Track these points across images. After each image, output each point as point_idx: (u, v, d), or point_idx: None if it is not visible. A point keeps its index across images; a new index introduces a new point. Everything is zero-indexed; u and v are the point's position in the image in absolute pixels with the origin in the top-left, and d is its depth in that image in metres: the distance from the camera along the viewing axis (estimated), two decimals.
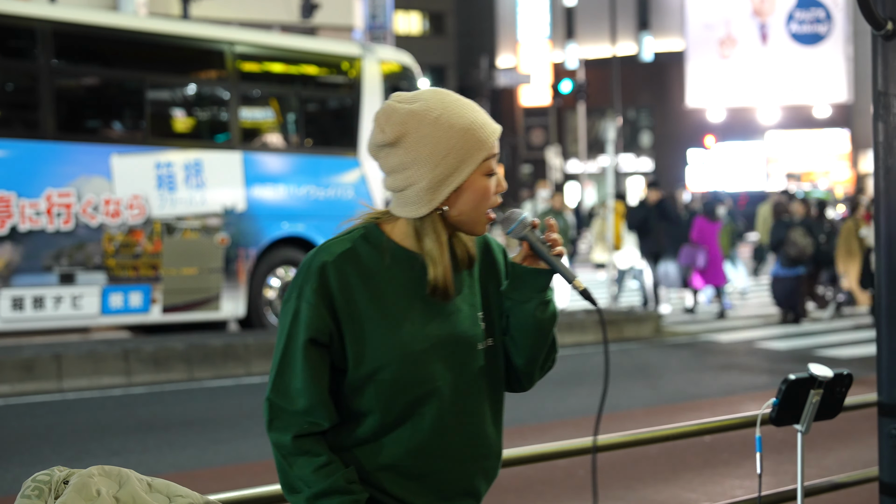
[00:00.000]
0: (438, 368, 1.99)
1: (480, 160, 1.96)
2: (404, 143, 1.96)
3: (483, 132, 1.97)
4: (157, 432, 7.43)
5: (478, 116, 1.98)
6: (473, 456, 2.05)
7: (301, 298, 1.96)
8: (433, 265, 1.97)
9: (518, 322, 2.05)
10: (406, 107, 1.97)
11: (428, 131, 1.95)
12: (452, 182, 1.95)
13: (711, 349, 11.86)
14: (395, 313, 1.97)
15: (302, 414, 1.95)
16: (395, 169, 1.98)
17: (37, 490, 1.85)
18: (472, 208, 1.98)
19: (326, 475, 1.93)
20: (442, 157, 1.94)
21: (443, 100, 1.98)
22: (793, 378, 2.68)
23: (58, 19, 10.03)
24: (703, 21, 44.27)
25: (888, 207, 3.51)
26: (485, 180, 1.98)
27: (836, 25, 42.96)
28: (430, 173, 1.95)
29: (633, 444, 3.21)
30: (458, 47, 49.62)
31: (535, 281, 2.03)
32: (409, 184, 1.97)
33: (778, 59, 43.34)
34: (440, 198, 1.96)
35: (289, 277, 11.40)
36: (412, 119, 1.96)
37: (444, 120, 1.95)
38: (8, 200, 9.48)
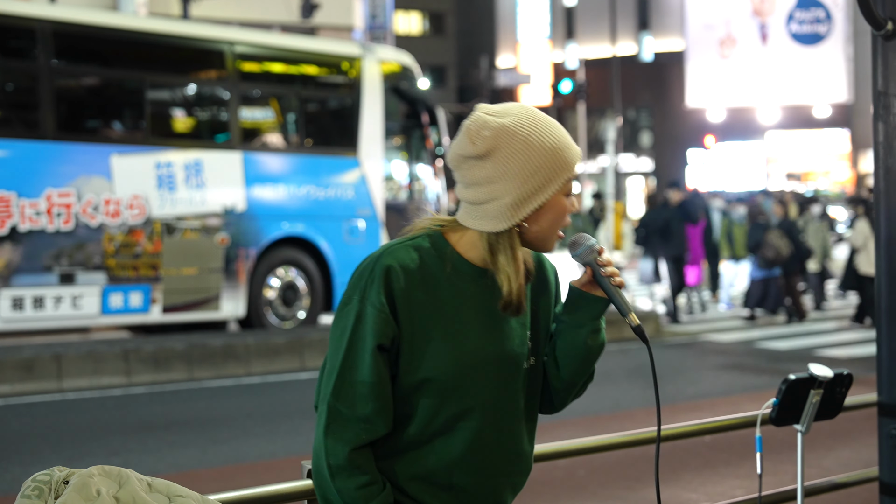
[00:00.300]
0: (484, 383, 1.99)
1: (564, 180, 1.97)
2: (494, 156, 1.95)
3: (569, 153, 1.98)
4: (157, 432, 7.43)
5: (564, 137, 2.00)
6: (506, 472, 2.05)
7: (365, 301, 1.94)
8: (508, 281, 1.97)
9: (566, 346, 2.07)
10: (498, 120, 1.96)
11: (519, 147, 1.94)
12: (537, 200, 1.95)
13: (711, 349, 11.86)
14: (453, 325, 1.97)
15: (364, 421, 1.93)
16: (479, 182, 1.96)
17: (37, 490, 1.85)
18: (549, 226, 1.99)
19: (367, 496, 1.91)
20: (530, 174, 1.94)
21: (532, 116, 1.98)
22: (793, 378, 2.68)
23: (58, 19, 10.03)
24: (703, 21, 44.27)
25: (888, 207, 3.51)
26: (564, 200, 1.99)
27: (836, 25, 42.97)
28: (517, 189, 1.94)
29: (633, 444, 3.20)
30: (458, 47, 49.62)
31: (592, 308, 2.05)
32: (493, 198, 1.95)
33: (778, 59, 43.34)
34: (522, 214, 1.95)
35: (289, 277, 11.40)
36: (504, 133, 1.95)
37: (535, 138, 1.95)
38: (8, 200, 9.48)
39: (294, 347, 10.33)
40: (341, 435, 1.93)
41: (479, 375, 1.98)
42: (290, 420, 7.89)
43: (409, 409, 1.97)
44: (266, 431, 7.44)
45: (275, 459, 6.56)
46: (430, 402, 1.96)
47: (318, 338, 10.52)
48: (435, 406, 1.96)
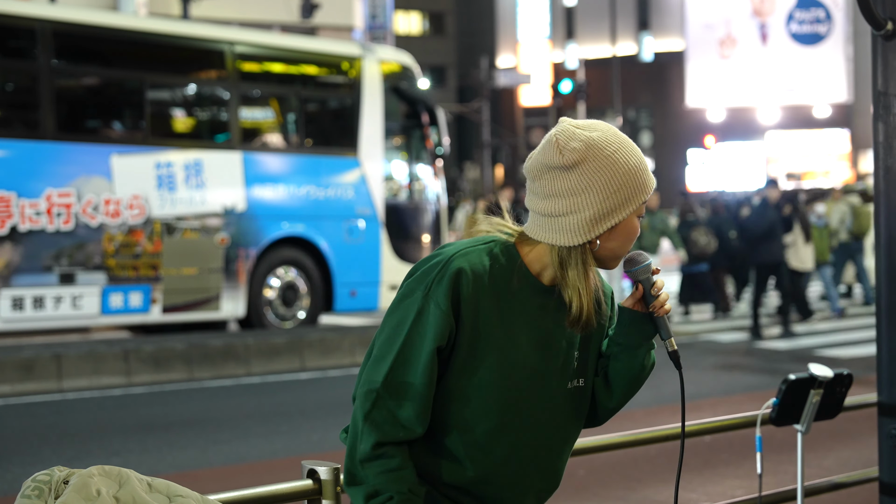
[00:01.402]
0: (528, 399, 1.99)
1: (641, 202, 1.96)
2: (580, 169, 1.93)
3: (647, 175, 1.98)
4: (157, 432, 7.43)
5: (644, 160, 2.00)
6: (536, 489, 2.06)
7: (430, 298, 1.91)
8: (578, 297, 1.96)
9: (623, 368, 2.06)
10: (586, 134, 1.94)
11: (607, 163, 1.93)
12: (616, 217, 1.94)
13: (711, 349, 11.86)
14: (510, 337, 1.96)
15: (405, 421, 1.92)
16: (560, 193, 1.94)
17: (37, 490, 1.85)
18: (619, 245, 1.98)
19: (395, 479, 1.90)
20: (613, 191, 1.93)
21: (618, 135, 1.98)
22: (793, 378, 2.68)
23: (58, 19, 10.04)
24: (703, 21, 44.28)
25: (888, 207, 3.51)
26: (636, 222, 1.98)
27: (836, 25, 42.97)
28: (598, 205, 1.93)
29: (633, 444, 3.20)
30: (458, 47, 49.63)
31: (644, 327, 2.05)
32: (572, 211, 1.94)
33: (778, 59, 43.35)
34: (600, 230, 1.94)
35: (289, 277, 11.39)
36: (593, 147, 1.93)
37: (621, 156, 1.94)
38: (8, 200, 9.48)
39: (294, 347, 10.33)
40: (380, 426, 1.91)
41: (524, 389, 1.98)
42: (290, 420, 7.89)
43: (453, 414, 1.96)
44: (266, 431, 7.44)
45: (275, 459, 6.56)
46: (474, 409, 1.96)
47: (318, 338, 10.53)
48: (478, 414, 1.96)
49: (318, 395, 9.01)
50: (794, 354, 11.21)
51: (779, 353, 11.44)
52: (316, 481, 2.45)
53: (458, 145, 41.08)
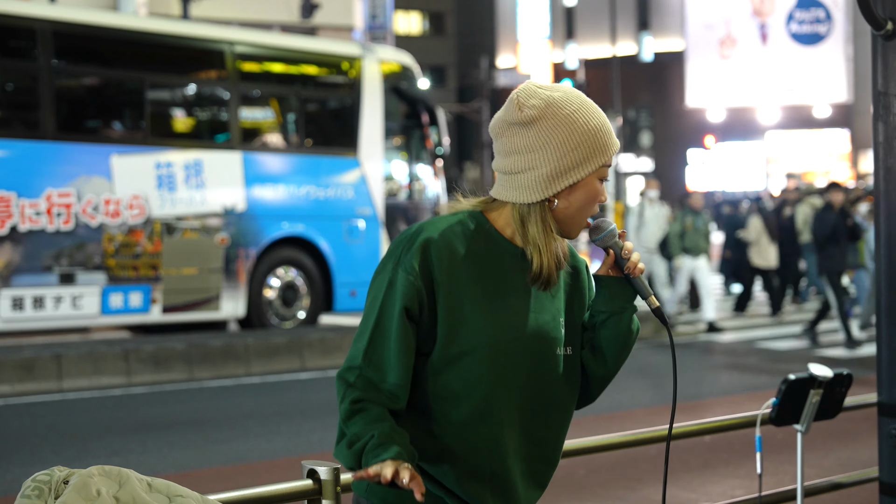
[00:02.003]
0: (520, 363, 1.98)
1: (601, 164, 1.98)
2: (538, 125, 1.97)
3: (610, 139, 2.00)
4: (157, 432, 7.43)
5: (607, 123, 2.02)
6: (531, 457, 2.04)
7: (399, 268, 1.94)
8: (538, 253, 1.97)
9: (611, 334, 2.06)
10: (547, 93, 1.99)
11: (566, 121, 1.97)
12: (573, 176, 1.97)
13: (711, 349, 11.86)
14: (491, 299, 1.97)
15: (387, 388, 1.92)
16: (519, 150, 1.98)
17: (37, 490, 1.85)
18: (579, 208, 1.99)
19: (377, 422, 1.89)
20: (571, 149, 1.96)
21: (580, 97, 2.01)
22: (793, 378, 2.68)
23: (58, 19, 10.03)
24: (703, 21, 44.27)
25: (888, 207, 3.51)
26: (596, 185, 2.00)
27: (836, 25, 42.97)
28: (555, 161, 1.96)
29: (633, 444, 3.20)
30: (458, 47, 49.62)
31: (623, 290, 2.05)
32: (529, 168, 1.97)
33: (778, 59, 43.35)
34: (557, 188, 1.97)
35: (289, 277, 11.41)
36: (553, 105, 1.97)
37: (581, 115, 1.98)
38: (8, 200, 9.48)
39: (294, 347, 10.33)
40: (360, 390, 1.92)
41: (515, 352, 1.97)
42: (290, 420, 7.89)
43: (444, 385, 1.96)
44: (266, 431, 7.44)
45: (275, 459, 6.56)
46: (465, 376, 1.95)
47: (318, 338, 10.53)
48: (470, 382, 1.95)
49: (318, 395, 9.00)
50: (794, 354, 11.21)
51: (779, 353, 11.44)
52: (316, 481, 2.45)
53: (458, 145, 41.07)
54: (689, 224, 12.94)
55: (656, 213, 13.88)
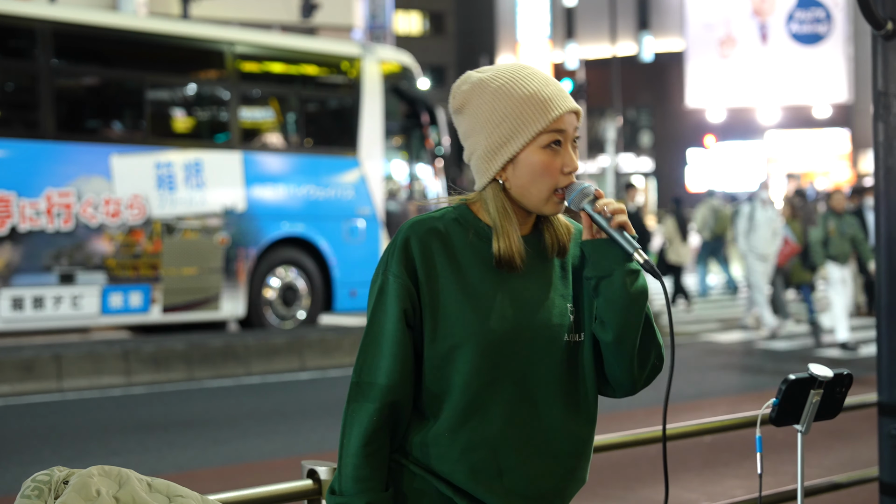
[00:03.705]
0: (518, 354, 1.92)
1: (536, 132, 1.88)
2: (467, 109, 1.95)
3: (545, 104, 1.89)
4: (157, 432, 7.43)
5: (545, 89, 1.91)
6: (552, 452, 1.96)
7: (388, 273, 1.91)
8: (496, 236, 1.91)
9: (604, 300, 1.93)
10: (478, 75, 1.96)
11: (488, 98, 1.92)
12: (505, 151, 1.90)
13: (711, 349, 11.85)
14: (477, 290, 1.91)
15: (384, 390, 1.89)
16: (463, 137, 1.98)
17: (37, 490, 1.85)
18: (528, 183, 1.90)
19: (362, 490, 1.88)
20: (496, 124, 1.90)
21: (514, 71, 1.94)
22: (793, 378, 2.68)
23: (58, 19, 10.03)
24: (703, 21, 44.27)
25: (888, 207, 3.51)
26: (542, 154, 1.89)
27: (836, 25, 42.97)
28: (485, 141, 1.92)
29: (633, 444, 3.20)
30: (458, 47, 49.62)
31: (610, 251, 1.91)
32: (472, 152, 1.96)
33: (778, 59, 43.35)
34: (494, 167, 1.91)
35: (289, 277, 11.41)
36: (478, 86, 1.94)
37: (505, 88, 1.91)
38: (8, 200, 9.48)
39: (294, 347, 10.33)
40: (360, 417, 1.89)
41: (510, 344, 1.91)
42: (290, 420, 7.89)
43: (441, 384, 1.91)
44: (266, 431, 7.44)
45: (275, 459, 6.56)
46: (460, 371, 1.89)
47: (318, 338, 10.52)
48: (466, 377, 1.89)
49: (318, 395, 9.01)
50: (794, 354, 11.21)
51: (779, 353, 11.44)
52: (316, 481, 2.45)
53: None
54: (832, 229, 11.42)
55: (769, 216, 12.60)
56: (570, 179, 1.92)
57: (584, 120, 8.52)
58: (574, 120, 1.93)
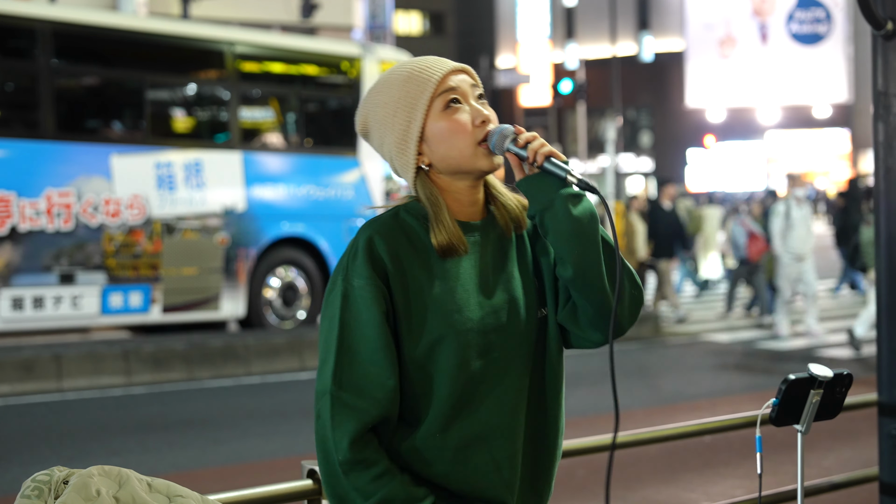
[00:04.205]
0: (496, 339, 1.89)
1: (427, 101, 1.89)
2: (369, 124, 1.97)
3: (424, 73, 1.90)
4: (157, 432, 7.43)
5: (421, 62, 1.93)
6: (535, 436, 1.95)
7: (350, 278, 1.85)
8: (431, 226, 1.89)
9: (555, 233, 1.87)
10: (365, 98, 2.00)
11: (378, 102, 1.94)
12: (411, 134, 1.89)
13: (711, 349, 11.85)
14: (447, 282, 1.88)
15: (380, 403, 1.82)
16: (380, 152, 1.98)
17: (36, 490, 1.85)
18: (447, 148, 1.89)
19: (382, 485, 1.81)
20: (392, 115, 1.91)
21: (389, 70, 1.96)
22: (793, 378, 2.67)
23: (58, 19, 10.03)
24: (703, 21, 44.28)
25: (888, 207, 3.51)
26: (444, 118, 1.89)
27: (836, 25, 42.97)
28: (391, 135, 1.92)
29: (633, 444, 3.20)
30: (458, 47, 49.61)
31: (544, 182, 1.87)
32: (390, 155, 1.94)
33: (778, 59, 43.36)
34: (410, 154, 1.90)
35: (289, 277, 11.41)
36: (367, 101, 1.97)
37: (386, 82, 1.94)
38: (8, 200, 9.48)
39: (294, 347, 10.33)
40: (347, 427, 1.80)
41: (487, 329, 1.88)
42: (290, 420, 7.89)
43: (425, 384, 1.86)
44: (266, 431, 7.44)
45: (275, 459, 6.56)
46: (443, 366, 1.85)
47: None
48: (451, 370, 1.85)
49: None
50: (794, 354, 11.21)
51: (779, 353, 11.44)
52: (316, 481, 2.45)
53: None
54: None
55: (805, 214, 12.24)
56: (485, 129, 1.90)
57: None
58: (466, 78, 1.95)
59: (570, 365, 1.93)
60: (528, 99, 46.86)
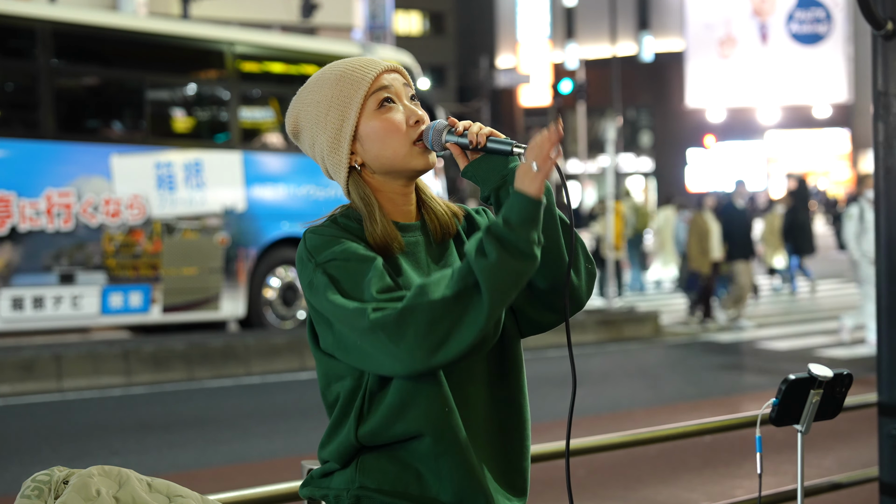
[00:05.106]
0: None
1: (360, 101, 1.87)
2: (300, 123, 1.94)
3: (358, 72, 1.88)
4: (157, 432, 7.43)
5: (353, 61, 1.91)
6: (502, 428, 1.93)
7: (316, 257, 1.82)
8: (365, 224, 1.89)
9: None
10: (295, 97, 1.96)
11: (309, 101, 1.92)
12: (344, 133, 1.88)
13: (711, 349, 11.85)
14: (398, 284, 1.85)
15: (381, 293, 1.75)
16: (311, 152, 1.95)
17: (36, 490, 1.85)
18: (381, 147, 1.87)
19: None
20: (325, 114, 1.89)
21: (324, 68, 1.94)
22: (793, 378, 2.68)
23: (58, 19, 10.03)
24: (703, 21, 44.28)
25: (888, 207, 3.51)
26: (378, 117, 1.87)
27: (836, 25, 42.98)
28: (323, 135, 1.90)
29: (633, 444, 3.21)
30: (458, 47, 49.62)
31: (492, 161, 1.89)
32: (322, 156, 1.93)
33: (778, 59, 43.36)
34: (343, 153, 1.89)
35: (289, 277, 11.41)
36: (298, 100, 1.95)
37: (318, 81, 1.92)
38: (8, 200, 9.48)
39: (294, 347, 10.33)
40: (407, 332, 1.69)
41: None
42: (290, 420, 7.89)
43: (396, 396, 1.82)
44: (266, 431, 7.44)
45: (275, 459, 6.56)
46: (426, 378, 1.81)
47: None
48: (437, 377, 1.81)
49: (318, 395, 8.99)
50: (794, 354, 11.21)
51: (779, 353, 11.44)
52: None
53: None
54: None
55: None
56: (419, 129, 1.89)
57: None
58: (399, 78, 1.93)
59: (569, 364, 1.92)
60: (528, 99, 46.85)
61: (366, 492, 1.85)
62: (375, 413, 1.84)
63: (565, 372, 9.26)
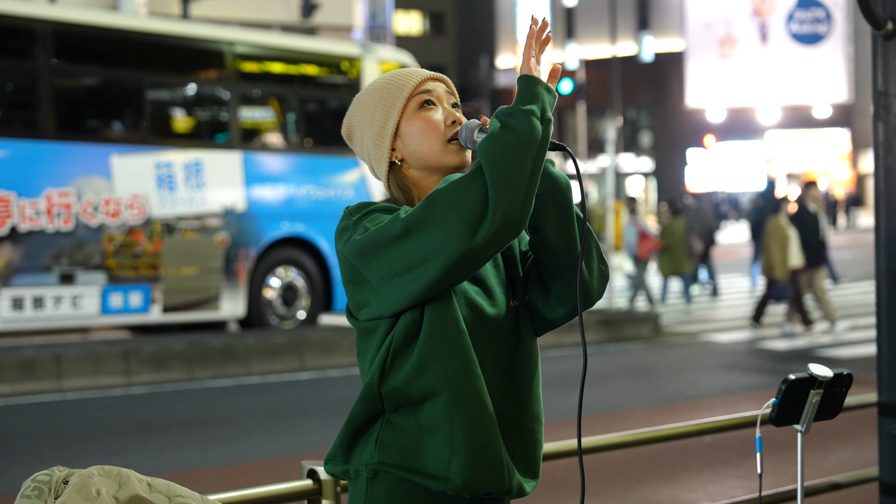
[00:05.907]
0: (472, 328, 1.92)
1: (404, 102, 2.02)
2: (353, 125, 2.10)
3: (402, 79, 2.04)
4: (157, 432, 7.43)
5: (402, 70, 2.07)
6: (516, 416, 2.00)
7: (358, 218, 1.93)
8: None
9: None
10: None
11: (360, 105, 2.09)
12: (387, 130, 2.02)
13: (711, 349, 11.85)
14: None
15: None
16: (358, 151, 2.11)
17: (37, 490, 1.85)
18: (418, 144, 2.01)
19: None
20: (371, 115, 2.05)
21: (377, 77, 2.13)
22: (793, 378, 2.68)
23: (58, 19, 10.03)
24: (703, 21, 44.29)
25: (888, 207, 3.51)
26: (419, 116, 2.02)
27: (836, 25, 42.98)
28: (369, 132, 2.05)
29: (633, 444, 3.21)
30: (458, 47, 49.63)
31: None
32: (367, 154, 2.08)
33: (778, 59, 43.36)
34: (385, 150, 2.02)
35: (289, 277, 11.40)
36: (352, 105, 2.11)
37: (369, 87, 2.09)
38: (8, 200, 9.48)
39: (294, 347, 10.33)
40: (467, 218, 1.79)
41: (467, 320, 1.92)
42: (290, 420, 7.89)
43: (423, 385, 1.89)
44: (266, 431, 7.44)
45: (275, 459, 6.56)
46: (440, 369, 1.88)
47: (318, 338, 10.52)
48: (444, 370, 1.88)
49: (318, 395, 9.01)
50: (794, 354, 11.21)
51: (779, 353, 11.44)
52: (316, 481, 2.45)
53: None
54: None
55: None
56: (455, 128, 2.02)
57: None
58: (441, 85, 2.06)
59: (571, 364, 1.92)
60: None
61: (384, 467, 1.92)
62: (399, 370, 1.91)
63: (566, 372, 9.26)
